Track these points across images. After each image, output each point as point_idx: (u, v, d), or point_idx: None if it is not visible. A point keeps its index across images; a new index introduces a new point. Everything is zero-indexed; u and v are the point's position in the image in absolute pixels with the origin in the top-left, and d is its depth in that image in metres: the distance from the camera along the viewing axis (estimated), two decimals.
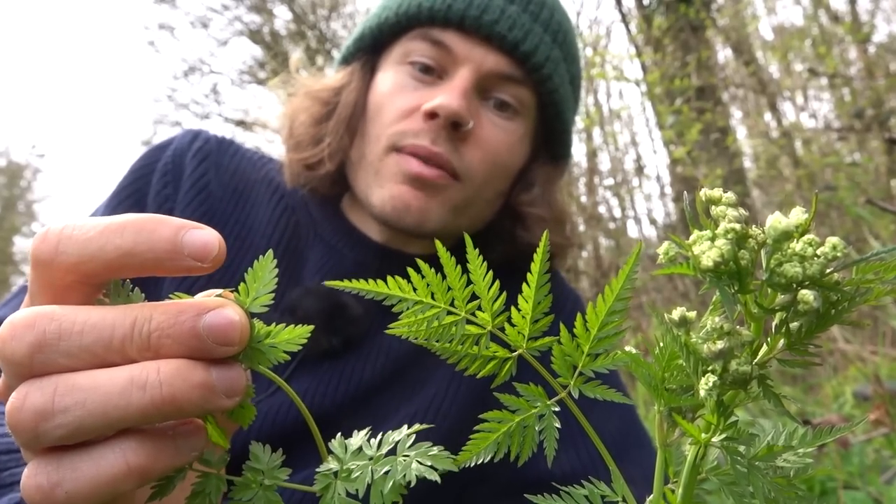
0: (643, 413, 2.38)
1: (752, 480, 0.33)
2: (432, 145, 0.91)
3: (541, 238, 0.37)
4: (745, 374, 0.33)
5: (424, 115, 0.91)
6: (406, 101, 0.94)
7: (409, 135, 0.92)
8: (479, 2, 0.95)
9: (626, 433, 1.01)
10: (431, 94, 0.93)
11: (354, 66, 1.03)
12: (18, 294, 0.90)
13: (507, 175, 1.02)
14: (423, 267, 0.38)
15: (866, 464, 1.54)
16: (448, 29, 0.95)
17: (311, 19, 9.53)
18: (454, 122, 0.91)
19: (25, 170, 19.55)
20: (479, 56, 0.94)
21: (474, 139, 0.94)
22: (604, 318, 0.38)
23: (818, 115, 6.35)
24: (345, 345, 0.93)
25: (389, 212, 0.93)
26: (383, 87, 0.98)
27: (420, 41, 0.96)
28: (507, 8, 0.96)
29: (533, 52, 0.96)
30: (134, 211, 0.95)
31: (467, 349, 0.39)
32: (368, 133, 0.97)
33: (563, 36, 1.01)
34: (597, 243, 5.80)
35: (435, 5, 0.94)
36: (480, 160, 0.95)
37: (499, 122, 0.97)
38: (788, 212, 0.33)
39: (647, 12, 6.07)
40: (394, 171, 0.93)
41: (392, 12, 0.97)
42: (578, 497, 0.39)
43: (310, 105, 1.02)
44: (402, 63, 0.97)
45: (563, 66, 1.01)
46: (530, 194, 1.04)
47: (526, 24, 0.96)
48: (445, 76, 0.96)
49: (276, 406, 0.87)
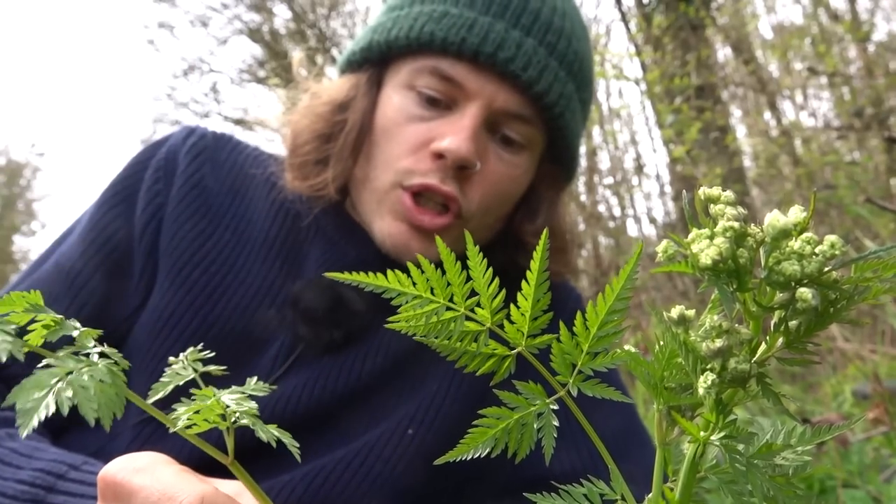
0: (642, 412, 2.38)
1: (750, 478, 0.33)
2: (442, 185, 0.90)
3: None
4: (743, 372, 0.33)
5: (432, 155, 0.90)
6: (414, 135, 0.92)
7: (418, 174, 0.91)
8: (495, 36, 0.91)
9: (626, 432, 1.01)
10: (440, 128, 0.91)
11: (360, 78, 0.99)
12: (14, 287, 0.91)
13: (509, 203, 1.01)
14: (424, 262, 0.38)
15: (865, 462, 1.54)
16: (460, 62, 0.92)
17: (310, 18, 9.52)
18: (461, 165, 0.90)
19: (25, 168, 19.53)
20: (491, 93, 0.92)
21: (479, 177, 0.93)
22: (604, 317, 0.38)
23: (818, 114, 6.35)
24: (346, 339, 0.93)
25: (389, 247, 0.94)
26: (390, 112, 0.95)
27: (429, 76, 0.93)
28: (523, 43, 0.92)
29: (547, 91, 0.94)
30: (123, 208, 0.95)
31: (466, 346, 0.39)
32: (375, 158, 0.96)
33: (578, 65, 0.99)
34: (596, 242, 5.81)
35: (448, 37, 0.91)
36: (483, 195, 0.94)
37: (505, 156, 0.96)
38: (787, 210, 0.33)
39: (647, 11, 6.07)
40: (396, 209, 0.92)
41: (403, 34, 0.94)
42: (577, 495, 0.39)
43: (313, 123, 0.99)
44: (409, 88, 0.95)
45: (575, 97, 0.99)
46: (534, 225, 1.02)
47: (542, 60, 0.93)
48: (454, 106, 0.93)
49: (276, 398, 0.87)
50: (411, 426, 0.92)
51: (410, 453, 0.90)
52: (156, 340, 0.88)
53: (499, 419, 0.39)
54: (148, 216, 0.94)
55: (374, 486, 0.88)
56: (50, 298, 0.87)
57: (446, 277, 0.38)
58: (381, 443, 0.90)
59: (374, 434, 0.90)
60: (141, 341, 0.89)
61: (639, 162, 6.73)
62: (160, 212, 0.94)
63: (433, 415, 0.93)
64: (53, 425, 0.85)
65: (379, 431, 0.91)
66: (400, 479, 0.89)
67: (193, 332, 0.89)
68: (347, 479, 0.87)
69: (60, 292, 0.88)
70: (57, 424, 0.85)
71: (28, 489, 0.63)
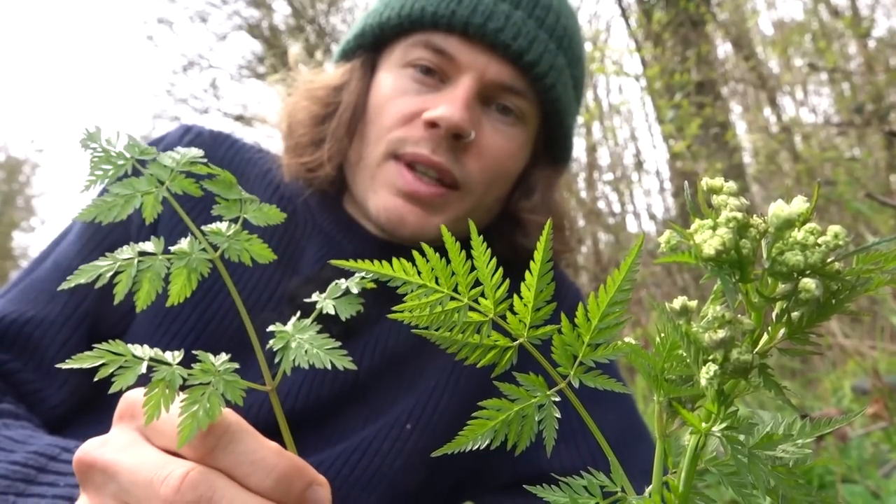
0: (642, 407, 2.38)
1: (752, 470, 0.33)
2: (433, 154, 0.90)
3: None
4: (745, 363, 0.33)
5: (425, 124, 0.90)
6: (407, 106, 0.93)
7: (410, 142, 0.91)
8: (484, 8, 0.92)
9: (626, 427, 1.01)
10: (433, 100, 0.92)
11: (354, 63, 1.00)
12: (14, 286, 0.90)
13: (508, 181, 1.01)
14: (428, 251, 0.38)
15: (865, 458, 1.54)
16: (451, 35, 0.93)
17: (310, 14, 9.50)
18: (455, 133, 0.90)
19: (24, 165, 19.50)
20: (482, 64, 0.93)
21: (476, 148, 0.93)
22: (605, 309, 0.38)
23: (818, 110, 6.35)
24: (344, 334, 0.93)
25: (384, 222, 0.94)
26: (384, 90, 0.96)
27: (422, 49, 0.94)
28: (512, 14, 0.93)
29: (537, 61, 0.94)
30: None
31: (468, 337, 0.39)
32: (368, 135, 0.96)
33: (568, 40, 0.99)
34: (596, 238, 5.80)
35: (438, 11, 0.92)
36: (481, 169, 0.94)
37: (501, 127, 0.96)
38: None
39: (647, 7, 6.06)
40: (390, 181, 0.92)
41: (395, 13, 0.95)
42: (577, 488, 0.39)
43: (309, 104, 1.00)
44: (403, 66, 0.95)
45: (566, 72, 0.99)
46: (531, 201, 1.03)
47: (531, 31, 0.94)
48: (447, 80, 0.94)
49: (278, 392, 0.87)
50: (409, 422, 0.92)
51: (409, 449, 0.90)
52: (153, 337, 0.88)
53: (499, 411, 0.39)
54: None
55: (373, 481, 0.88)
56: (48, 296, 0.88)
57: (451, 266, 0.38)
58: (380, 438, 0.90)
59: (372, 430, 0.90)
60: (139, 337, 0.89)
61: (638, 158, 6.73)
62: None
63: (431, 410, 0.93)
64: (54, 420, 0.85)
65: (377, 427, 0.91)
66: (398, 474, 0.89)
67: (190, 329, 0.89)
68: (346, 474, 0.87)
69: (59, 291, 0.88)
70: (58, 418, 0.85)
71: (20, 469, 0.62)
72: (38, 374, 0.84)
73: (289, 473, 0.44)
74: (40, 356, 0.84)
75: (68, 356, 0.40)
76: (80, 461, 0.47)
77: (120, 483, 0.44)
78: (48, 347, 0.84)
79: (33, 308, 0.86)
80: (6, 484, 0.61)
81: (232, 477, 0.44)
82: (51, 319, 0.85)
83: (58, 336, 0.85)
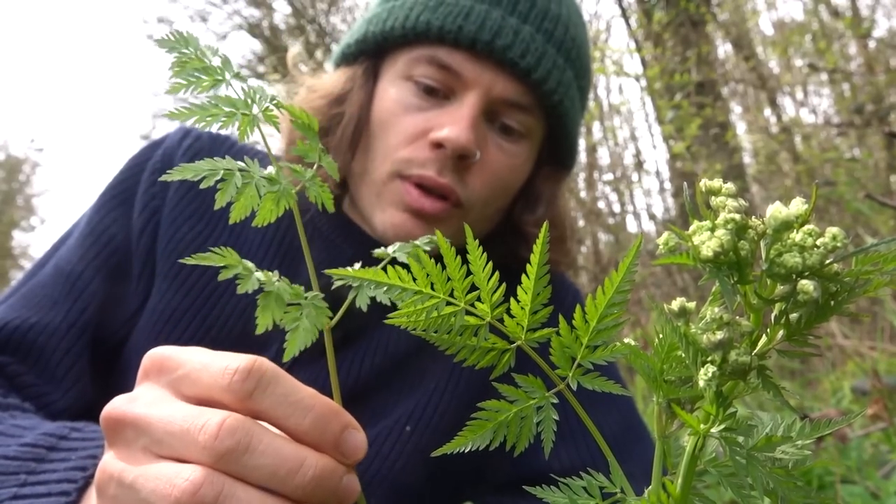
0: (641, 408, 2.38)
1: (751, 471, 0.33)
2: (439, 176, 0.89)
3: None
4: (744, 364, 0.33)
5: (431, 145, 0.89)
6: (412, 125, 0.91)
7: (416, 164, 0.90)
8: (492, 24, 0.90)
9: (625, 428, 1.01)
10: (438, 118, 0.90)
11: (356, 70, 0.98)
12: (15, 291, 0.90)
13: (509, 193, 1.00)
14: (423, 257, 0.38)
15: (864, 458, 1.54)
16: (457, 51, 0.90)
17: (310, 13, 9.50)
18: (461, 154, 0.89)
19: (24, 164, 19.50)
20: (489, 80, 0.91)
21: (479, 166, 0.92)
22: (603, 310, 0.37)
23: (818, 111, 6.35)
24: (344, 339, 0.93)
25: (392, 237, 0.92)
26: (388, 104, 0.94)
27: (426, 65, 0.92)
28: (520, 30, 0.91)
29: (545, 78, 0.92)
30: (120, 210, 0.95)
31: (466, 340, 0.39)
32: (372, 149, 0.94)
33: (576, 52, 0.98)
34: (596, 238, 5.81)
35: (445, 26, 0.90)
36: (483, 185, 0.93)
37: (504, 145, 0.95)
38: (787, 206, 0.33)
39: (647, 7, 6.06)
40: (397, 199, 0.91)
41: (399, 24, 0.93)
42: (577, 488, 0.39)
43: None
44: (406, 79, 0.93)
45: (574, 85, 0.98)
46: (534, 214, 1.01)
47: (539, 47, 0.92)
48: (452, 96, 0.92)
49: None
50: (409, 424, 0.92)
51: (409, 451, 0.90)
52: (155, 342, 0.87)
53: (498, 412, 0.39)
54: (145, 219, 0.94)
55: (373, 483, 0.88)
56: (51, 302, 0.87)
57: (446, 272, 0.38)
58: (380, 441, 0.90)
59: (372, 432, 0.90)
60: (141, 344, 0.88)
61: (638, 158, 6.73)
62: (157, 214, 0.94)
63: (431, 413, 0.93)
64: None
65: (377, 430, 0.91)
66: (398, 476, 0.89)
67: (192, 335, 0.88)
68: None
69: (61, 295, 0.87)
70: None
71: (30, 450, 0.62)
72: (42, 379, 0.83)
73: (326, 414, 0.45)
74: (44, 362, 0.83)
75: (72, 364, 0.41)
76: (109, 417, 0.47)
77: (153, 435, 0.44)
78: (52, 354, 0.83)
79: (36, 314, 0.85)
80: (17, 464, 0.61)
81: (270, 419, 0.45)
82: (54, 326, 0.85)
83: (61, 343, 0.84)
